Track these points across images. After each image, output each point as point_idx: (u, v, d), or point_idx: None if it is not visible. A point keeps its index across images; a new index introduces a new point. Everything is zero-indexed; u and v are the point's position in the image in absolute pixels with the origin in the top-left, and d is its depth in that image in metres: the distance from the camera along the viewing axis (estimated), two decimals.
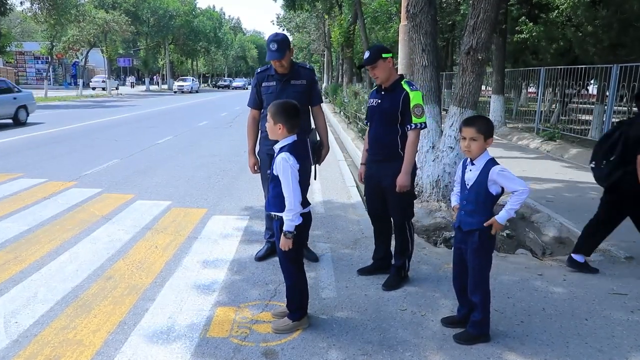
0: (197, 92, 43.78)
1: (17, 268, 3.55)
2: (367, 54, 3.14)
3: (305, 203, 2.61)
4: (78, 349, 2.51)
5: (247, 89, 53.92)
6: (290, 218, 2.48)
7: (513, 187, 2.39)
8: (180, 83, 42.86)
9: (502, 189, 2.47)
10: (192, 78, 46.99)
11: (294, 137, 2.57)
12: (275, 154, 2.57)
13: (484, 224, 2.45)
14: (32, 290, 3.20)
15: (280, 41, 3.29)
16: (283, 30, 36.53)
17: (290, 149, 2.52)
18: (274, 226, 2.68)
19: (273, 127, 2.55)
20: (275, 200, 2.55)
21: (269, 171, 2.64)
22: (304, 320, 2.74)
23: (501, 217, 2.41)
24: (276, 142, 2.61)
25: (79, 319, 2.81)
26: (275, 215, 2.60)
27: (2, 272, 3.46)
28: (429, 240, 4.42)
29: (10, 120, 12.96)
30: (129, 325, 2.75)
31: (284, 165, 2.46)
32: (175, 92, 41.26)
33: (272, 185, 2.58)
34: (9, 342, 2.58)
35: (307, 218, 2.65)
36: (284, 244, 2.54)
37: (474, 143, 2.44)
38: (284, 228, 2.51)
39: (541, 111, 11.73)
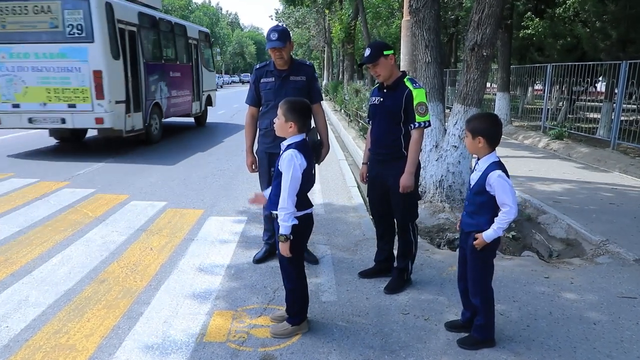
0: None
1: (7, 271, 3.50)
2: (367, 52, 3.06)
3: (307, 204, 2.54)
4: (71, 354, 2.46)
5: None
6: (282, 218, 2.41)
7: (503, 199, 2.32)
8: None
9: None
10: None
11: (302, 136, 2.51)
12: (282, 151, 2.51)
13: (473, 243, 2.43)
14: (23, 293, 3.14)
15: (281, 31, 3.30)
16: (282, 25, 36.40)
17: (298, 146, 2.47)
18: (275, 227, 2.59)
19: (284, 125, 2.49)
20: (278, 198, 2.46)
21: (273, 169, 2.57)
22: (304, 325, 2.68)
23: (488, 235, 2.38)
24: (276, 139, 2.55)
25: (71, 323, 2.75)
26: (276, 214, 2.52)
27: None
28: (432, 242, 4.34)
29: None
30: (123, 330, 2.69)
31: (291, 162, 2.40)
32: None
33: (276, 183, 2.51)
34: None
35: (308, 220, 2.58)
36: (283, 249, 2.48)
37: (465, 139, 2.49)
38: (279, 231, 2.45)
39: (548, 109, 11.60)
